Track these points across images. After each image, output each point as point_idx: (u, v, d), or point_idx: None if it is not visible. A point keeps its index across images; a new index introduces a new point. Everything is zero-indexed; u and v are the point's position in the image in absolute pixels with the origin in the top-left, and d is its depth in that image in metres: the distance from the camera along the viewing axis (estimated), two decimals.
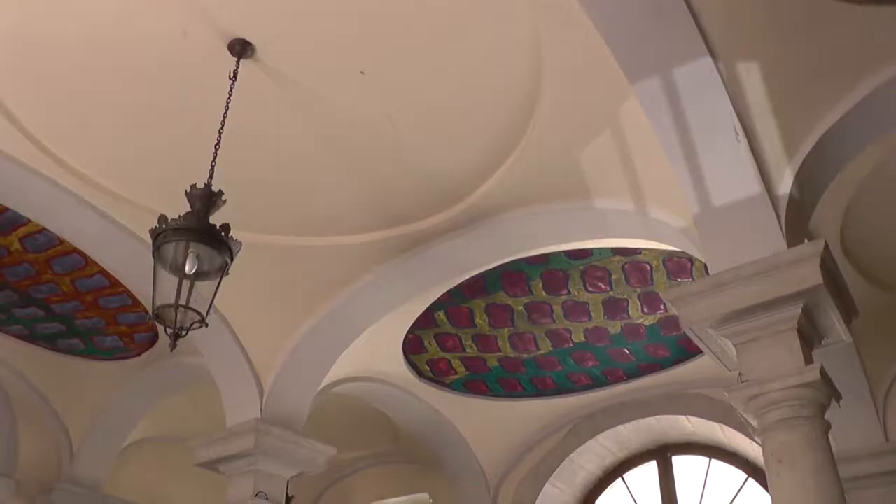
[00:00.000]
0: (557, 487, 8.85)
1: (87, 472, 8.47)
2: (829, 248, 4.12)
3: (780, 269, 4.14)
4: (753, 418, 4.32)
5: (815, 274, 4.03)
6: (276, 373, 6.72)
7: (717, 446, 8.36)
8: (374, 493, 10.47)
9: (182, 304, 4.02)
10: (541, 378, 8.02)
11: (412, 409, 8.44)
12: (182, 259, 4.07)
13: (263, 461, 6.56)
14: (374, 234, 6.04)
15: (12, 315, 7.41)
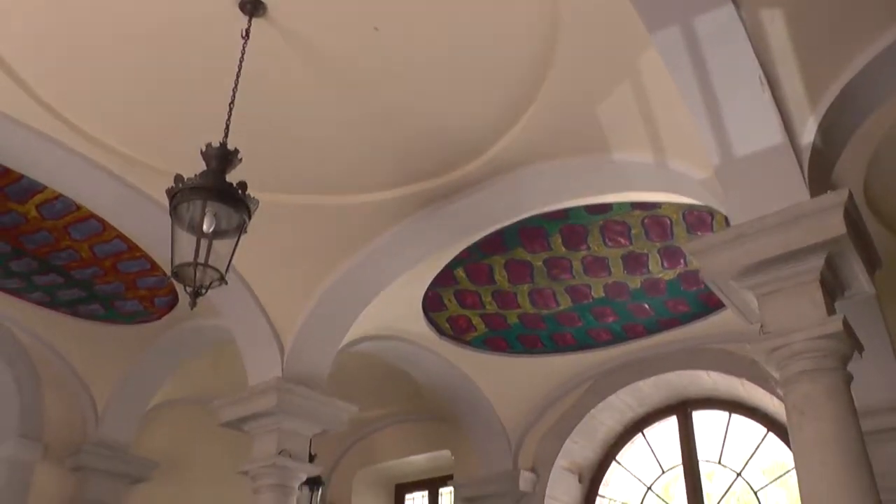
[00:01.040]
0: (578, 443, 8.90)
1: (113, 434, 8.58)
2: (853, 198, 4.06)
3: (804, 219, 4.09)
4: (775, 370, 4.29)
5: (839, 224, 3.99)
6: (296, 332, 6.74)
7: (737, 401, 8.37)
8: (397, 451, 10.56)
9: (201, 262, 4.01)
10: (561, 334, 8.01)
11: (433, 366, 8.48)
12: (199, 218, 4.05)
13: (286, 420, 6.62)
14: (392, 191, 6.00)
15: (32, 282, 7.46)
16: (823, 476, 3.87)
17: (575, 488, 9.12)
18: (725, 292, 4.61)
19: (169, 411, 9.20)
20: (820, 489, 3.87)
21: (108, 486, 8.50)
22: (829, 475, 3.85)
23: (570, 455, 8.91)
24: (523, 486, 8.71)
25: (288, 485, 6.59)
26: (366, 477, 10.95)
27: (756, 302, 4.41)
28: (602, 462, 9.23)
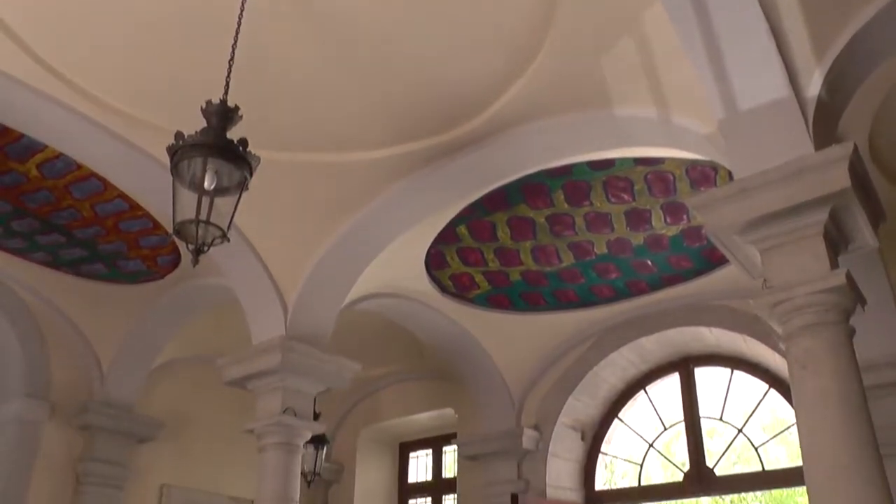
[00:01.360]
0: (581, 400, 8.95)
1: (118, 393, 8.63)
2: (858, 151, 4.03)
3: (808, 172, 4.07)
4: (778, 325, 4.30)
5: (844, 177, 3.96)
6: (299, 290, 6.74)
7: (740, 357, 8.39)
8: (400, 409, 10.64)
9: (202, 219, 4.00)
10: (563, 291, 8.02)
11: (436, 324, 8.50)
12: (200, 175, 4.03)
13: (290, 378, 6.65)
14: (394, 148, 5.97)
15: (35, 242, 7.45)
16: (824, 430, 3.89)
17: (577, 445, 9.19)
18: (728, 247, 4.61)
19: (173, 371, 9.24)
20: (820, 443, 3.89)
21: (115, 444, 8.57)
22: (829, 429, 3.87)
23: (573, 412, 8.96)
24: (526, 444, 8.78)
25: (293, 443, 6.64)
26: (370, 435, 11.05)
27: (759, 256, 4.41)
28: (604, 419, 9.29)
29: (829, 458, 3.84)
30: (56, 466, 8.29)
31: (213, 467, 9.51)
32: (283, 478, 6.51)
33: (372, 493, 10.96)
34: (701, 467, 8.48)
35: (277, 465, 6.54)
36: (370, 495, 10.92)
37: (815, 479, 3.88)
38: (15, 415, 8.12)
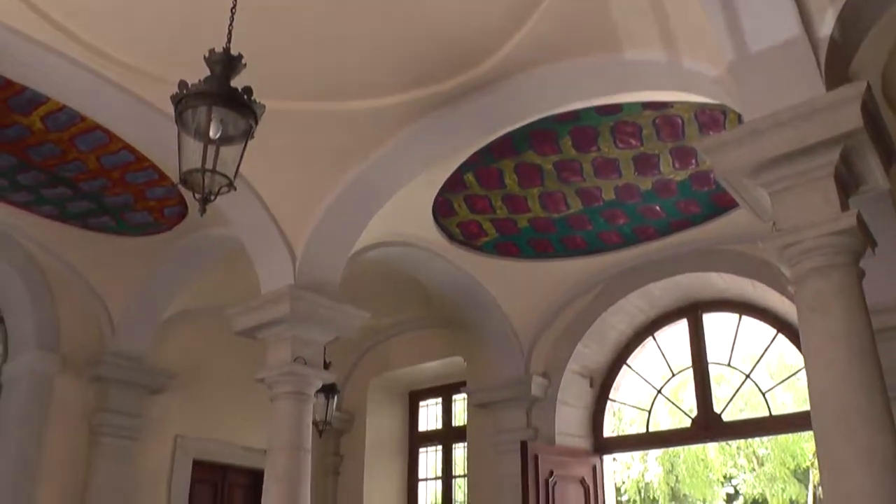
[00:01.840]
0: (589, 347, 8.98)
1: (129, 345, 8.70)
2: (871, 90, 3.98)
3: (819, 112, 4.02)
4: (787, 268, 4.29)
5: (856, 116, 3.92)
6: (307, 239, 6.73)
7: (748, 302, 8.38)
8: (410, 358, 10.69)
9: (208, 168, 3.99)
10: (571, 238, 8.00)
11: (444, 272, 8.50)
12: (205, 124, 4.01)
13: (299, 327, 6.67)
14: (399, 96, 5.90)
15: (41, 195, 7.44)
16: (832, 373, 3.90)
17: (586, 392, 9.24)
18: (738, 190, 4.57)
19: (184, 322, 9.29)
20: (828, 386, 3.90)
21: (128, 396, 8.66)
22: (837, 372, 3.88)
23: (582, 359, 9.00)
24: (535, 391, 8.83)
25: (304, 392, 6.69)
26: (380, 384, 11.13)
27: (768, 199, 4.38)
28: (613, 366, 9.32)
29: (837, 401, 3.85)
30: (70, 418, 8.39)
31: (225, 417, 9.61)
32: (294, 426, 6.57)
33: (383, 441, 11.08)
34: (708, 413, 8.52)
35: (289, 413, 6.60)
36: (381, 444, 11.04)
37: (822, 423, 3.90)
38: (27, 368, 8.19)
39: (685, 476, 31.39)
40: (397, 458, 11.21)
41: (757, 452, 30.54)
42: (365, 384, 11.09)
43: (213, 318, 8.68)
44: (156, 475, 8.99)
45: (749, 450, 30.55)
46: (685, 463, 31.01)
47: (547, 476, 8.29)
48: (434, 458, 11.19)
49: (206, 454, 9.52)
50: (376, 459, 10.92)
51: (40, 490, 8.00)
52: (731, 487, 36.56)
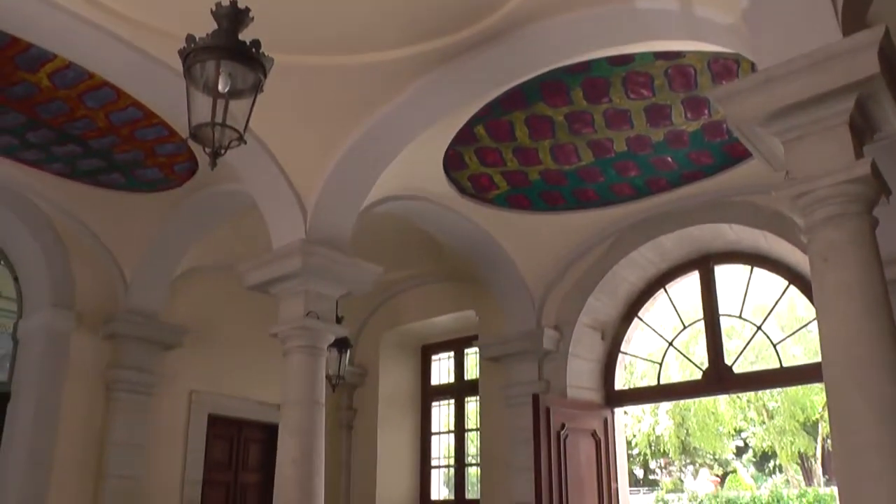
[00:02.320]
0: (601, 300, 8.99)
1: (143, 302, 8.75)
2: (889, 35, 3.90)
3: (835, 59, 3.95)
4: (800, 217, 4.25)
5: (873, 63, 3.85)
6: (317, 193, 6.70)
7: (760, 254, 8.36)
8: (422, 312, 10.74)
9: (218, 122, 3.98)
10: (583, 190, 7.97)
11: (455, 226, 8.50)
12: (214, 78, 4.02)
13: (311, 281, 6.69)
14: (409, 49, 5.84)
15: (51, 153, 7.44)
16: (844, 323, 3.89)
17: (598, 345, 9.27)
18: (751, 139, 4.53)
19: (196, 278, 9.33)
20: (840, 336, 3.89)
21: (142, 352, 8.74)
22: (849, 322, 3.86)
23: (593, 312, 9.01)
24: (547, 344, 8.87)
25: (317, 346, 6.72)
26: (392, 339, 11.20)
27: (782, 148, 4.33)
28: (624, 319, 9.34)
29: (849, 351, 3.84)
30: (86, 374, 8.48)
31: (239, 372, 9.70)
32: (308, 380, 6.61)
33: (395, 395, 11.18)
34: (720, 365, 8.54)
35: (302, 368, 6.64)
36: (394, 398, 11.14)
37: (834, 373, 3.90)
38: (42, 325, 8.26)
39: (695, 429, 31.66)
40: (410, 412, 11.31)
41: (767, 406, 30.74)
42: (377, 338, 11.16)
43: (226, 273, 8.72)
44: (172, 430, 9.11)
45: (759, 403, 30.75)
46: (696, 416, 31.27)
47: (559, 429, 8.35)
48: (446, 411, 11.29)
49: (221, 409, 9.62)
50: (389, 413, 11.02)
51: (59, 445, 8.11)
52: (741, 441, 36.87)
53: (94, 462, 8.38)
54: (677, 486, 37.68)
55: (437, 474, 11.28)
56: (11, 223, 8.16)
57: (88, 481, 8.31)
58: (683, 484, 39.51)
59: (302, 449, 6.44)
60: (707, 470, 39.71)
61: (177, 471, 9.09)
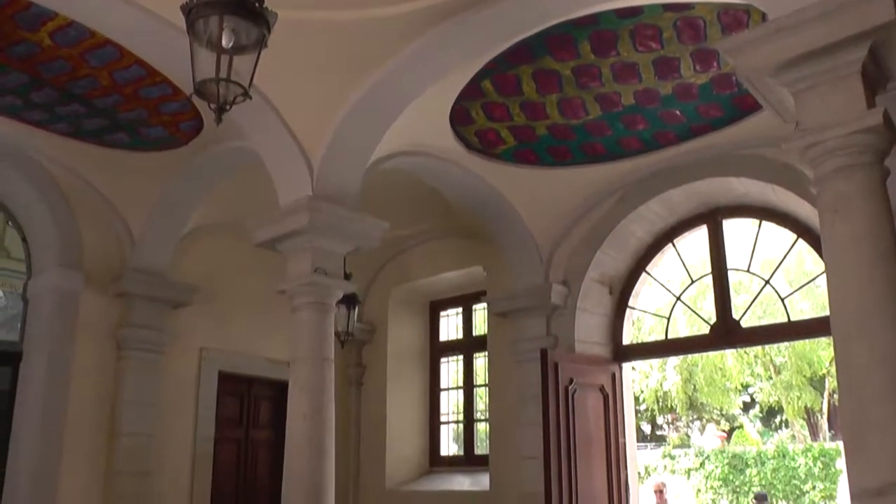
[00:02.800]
0: (609, 255, 8.97)
1: (151, 261, 8.77)
2: None
3: (848, 6, 3.90)
4: (809, 169, 4.24)
5: (888, 9, 3.80)
6: (324, 150, 6.66)
7: (768, 208, 8.31)
8: (429, 268, 10.75)
9: (223, 77, 3.96)
10: (590, 144, 7.91)
11: (462, 182, 8.46)
12: (217, 33, 3.99)
13: (319, 238, 6.68)
14: (414, 3, 5.73)
15: (55, 113, 7.40)
16: (853, 275, 3.89)
17: (606, 300, 9.28)
18: (761, 91, 4.49)
19: (204, 236, 9.34)
20: (849, 288, 3.90)
21: (152, 310, 8.77)
22: (858, 274, 3.87)
23: (601, 267, 9.00)
24: (555, 299, 8.87)
25: (325, 302, 6.73)
26: (400, 295, 11.22)
27: (792, 99, 4.30)
28: (632, 273, 9.32)
29: (857, 303, 3.85)
30: (97, 334, 8.53)
31: (248, 330, 9.76)
32: (317, 337, 6.64)
33: (404, 352, 11.23)
34: (727, 320, 8.54)
35: (311, 324, 6.66)
36: (402, 354, 11.20)
37: (842, 326, 3.91)
38: (51, 285, 8.29)
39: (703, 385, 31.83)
40: (419, 369, 11.38)
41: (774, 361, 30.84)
42: (385, 295, 11.18)
43: (233, 231, 8.72)
44: (183, 388, 9.19)
45: (766, 358, 30.85)
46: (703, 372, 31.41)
47: (567, 384, 8.38)
48: (455, 367, 11.35)
49: (231, 366, 9.69)
50: (398, 370, 11.09)
51: (71, 403, 8.19)
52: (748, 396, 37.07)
53: (107, 420, 8.46)
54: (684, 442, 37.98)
55: (446, 430, 11.37)
56: (18, 184, 8.16)
57: (101, 439, 8.40)
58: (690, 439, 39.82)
59: (312, 405, 6.49)
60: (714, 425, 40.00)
61: (188, 428, 9.19)
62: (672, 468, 29.77)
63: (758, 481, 27.23)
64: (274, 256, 7.22)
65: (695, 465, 29.24)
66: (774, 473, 26.99)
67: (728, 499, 28.10)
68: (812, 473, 26.06)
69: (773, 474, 27.03)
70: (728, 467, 28.27)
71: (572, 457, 8.25)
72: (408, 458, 10.97)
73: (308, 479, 6.38)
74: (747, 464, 27.86)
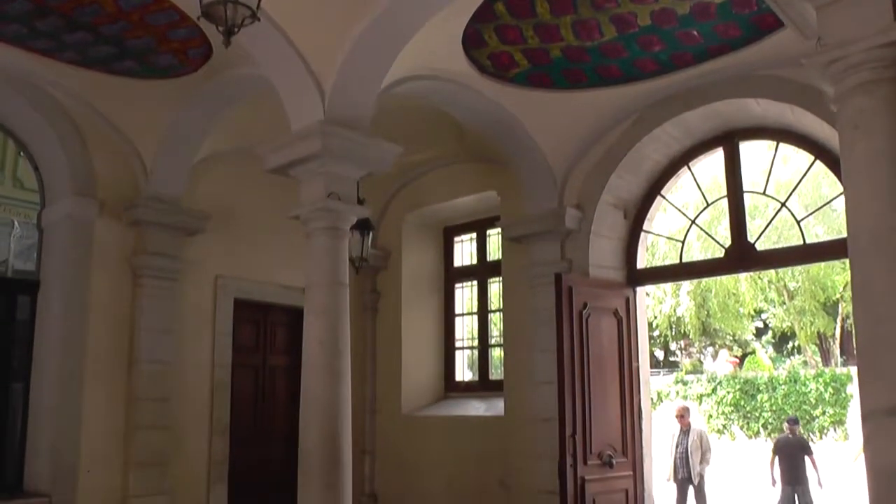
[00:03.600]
0: (623, 178, 8.90)
1: (164, 189, 8.75)
2: None
3: None
4: (830, 86, 4.16)
5: None
6: (335, 74, 6.56)
7: (786, 129, 8.19)
8: (444, 193, 10.71)
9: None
10: (605, 66, 7.77)
11: (475, 106, 8.35)
12: None
13: (332, 162, 6.64)
14: None
15: (62, 42, 7.29)
16: (872, 193, 3.86)
17: (620, 224, 9.24)
18: (782, 6, 4.42)
19: (216, 163, 9.29)
20: (867, 205, 3.87)
21: (166, 238, 8.80)
22: (878, 192, 3.84)
23: (616, 191, 8.94)
24: (569, 224, 8.84)
25: (339, 227, 6.74)
26: (414, 221, 11.21)
27: (814, 14, 4.20)
28: (647, 197, 9.26)
29: (875, 222, 3.82)
30: (113, 262, 8.58)
31: (263, 256, 9.80)
32: (331, 262, 6.66)
33: (418, 277, 11.27)
34: (742, 243, 8.50)
35: (325, 249, 6.68)
36: (417, 279, 11.24)
37: (859, 243, 3.88)
38: (65, 213, 8.32)
39: (716, 311, 31.97)
40: (433, 294, 11.43)
41: (787, 286, 30.90)
42: (399, 221, 11.18)
43: (246, 158, 8.68)
44: (200, 315, 9.27)
45: (780, 284, 30.91)
46: (716, 298, 31.53)
47: (581, 308, 8.41)
48: (469, 293, 11.40)
49: (247, 293, 9.76)
50: (413, 295, 11.14)
51: (90, 332, 8.29)
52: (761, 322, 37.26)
53: (126, 348, 8.56)
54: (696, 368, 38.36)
55: (460, 356, 11.47)
56: (28, 113, 8.12)
57: (121, 367, 8.52)
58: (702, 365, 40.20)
59: (327, 330, 6.55)
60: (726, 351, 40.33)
61: (206, 355, 9.30)
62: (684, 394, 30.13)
63: (768, 407, 27.56)
64: (288, 182, 7.20)
65: (706, 390, 29.60)
66: (785, 399, 27.29)
67: (739, 424, 28.47)
68: (823, 399, 26.34)
69: (783, 400, 27.33)
70: (739, 393, 28.60)
71: (586, 381, 8.31)
72: (423, 383, 11.10)
73: (325, 403, 6.47)
74: (759, 389, 28.16)
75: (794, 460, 10.57)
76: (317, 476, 6.37)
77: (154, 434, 8.53)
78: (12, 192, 8.53)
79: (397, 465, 10.69)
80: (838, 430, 25.71)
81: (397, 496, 10.64)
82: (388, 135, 7.14)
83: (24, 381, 8.27)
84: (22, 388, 8.26)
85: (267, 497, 9.74)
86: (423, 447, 10.43)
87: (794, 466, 10.53)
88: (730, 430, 28.44)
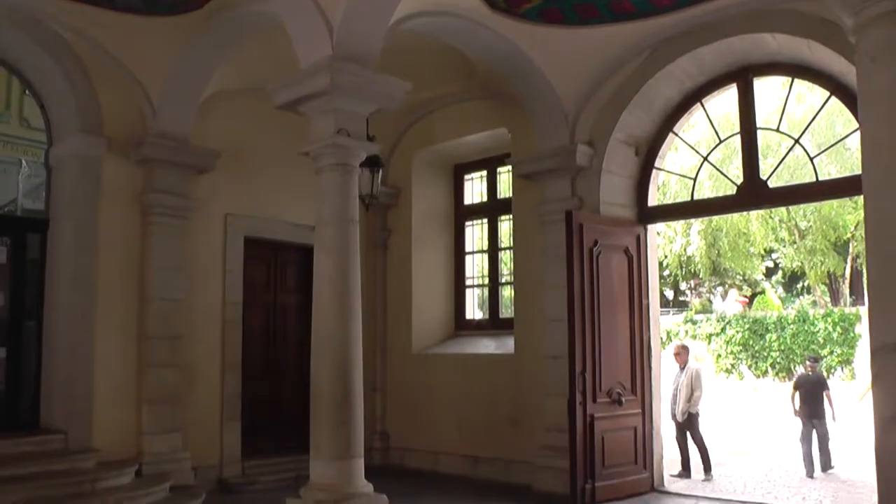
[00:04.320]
0: (635, 115, 8.80)
1: (171, 126, 8.69)
2: None
3: None
4: (849, 17, 4.05)
5: None
6: (343, 9, 6.41)
7: (802, 65, 8.05)
8: (454, 130, 10.63)
9: None
10: (618, 1, 7.61)
11: (486, 42, 8.24)
12: None
13: (341, 98, 6.55)
14: None
15: None
16: (888, 125, 3.78)
17: (631, 161, 9.16)
18: None
19: (224, 101, 9.22)
20: (883, 139, 3.79)
21: (175, 176, 8.78)
22: (894, 126, 3.75)
23: (627, 127, 8.85)
24: (580, 161, 8.78)
25: (348, 163, 6.69)
26: (425, 158, 11.15)
27: None
28: (659, 134, 9.16)
29: (891, 156, 3.75)
30: (122, 199, 8.58)
31: (273, 195, 9.79)
32: (341, 198, 6.63)
33: (429, 215, 11.24)
34: (755, 180, 8.42)
35: (335, 185, 6.64)
36: (427, 217, 11.21)
37: (873, 177, 3.82)
38: (73, 150, 8.29)
39: (726, 250, 31.85)
40: (444, 232, 11.41)
41: (798, 225, 30.73)
42: (410, 158, 11.11)
43: (254, 95, 8.61)
44: (210, 253, 9.30)
45: (791, 223, 30.72)
46: (727, 237, 31.37)
47: (591, 245, 8.39)
48: (480, 231, 11.37)
49: (257, 231, 9.77)
50: (423, 233, 11.13)
51: (100, 269, 8.33)
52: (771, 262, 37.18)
53: (137, 285, 8.61)
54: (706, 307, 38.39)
55: (471, 294, 11.49)
56: (32, 50, 8.04)
57: (132, 304, 8.57)
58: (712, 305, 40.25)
59: (337, 266, 6.55)
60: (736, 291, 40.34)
61: (217, 293, 9.35)
62: (693, 333, 30.22)
63: (777, 346, 27.63)
64: (297, 119, 7.13)
65: (716, 330, 29.66)
66: (794, 338, 27.34)
67: (747, 363, 28.60)
68: (831, 338, 26.38)
69: (792, 339, 27.38)
70: (748, 332, 28.65)
71: (596, 318, 8.33)
72: (434, 321, 11.14)
73: (336, 340, 6.50)
74: (767, 329, 28.21)
75: (813, 396, 10.89)
76: (329, 413, 6.43)
77: (166, 371, 8.62)
78: (19, 132, 8.47)
79: (408, 403, 10.79)
80: (846, 370, 25.80)
81: (408, 434, 10.77)
82: (397, 72, 7.04)
83: (36, 319, 8.33)
84: (34, 326, 8.32)
85: (279, 434, 9.87)
86: (433, 385, 10.52)
87: (813, 401, 10.85)
88: (738, 370, 28.58)
